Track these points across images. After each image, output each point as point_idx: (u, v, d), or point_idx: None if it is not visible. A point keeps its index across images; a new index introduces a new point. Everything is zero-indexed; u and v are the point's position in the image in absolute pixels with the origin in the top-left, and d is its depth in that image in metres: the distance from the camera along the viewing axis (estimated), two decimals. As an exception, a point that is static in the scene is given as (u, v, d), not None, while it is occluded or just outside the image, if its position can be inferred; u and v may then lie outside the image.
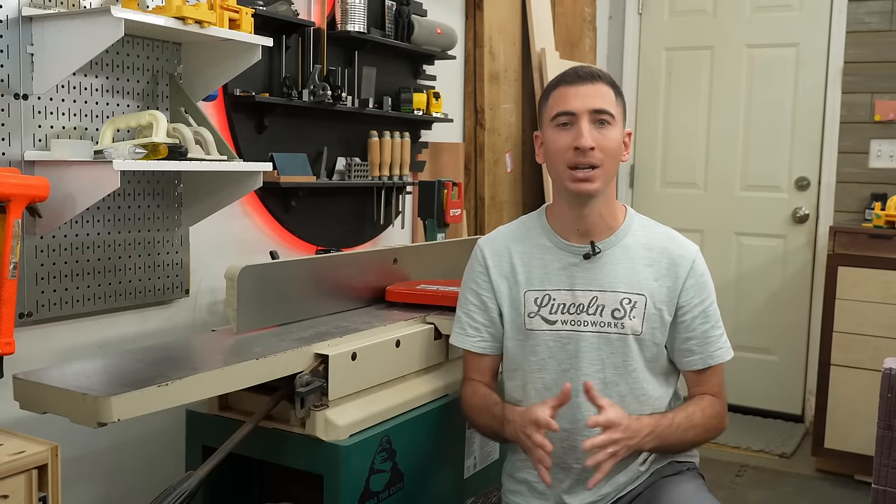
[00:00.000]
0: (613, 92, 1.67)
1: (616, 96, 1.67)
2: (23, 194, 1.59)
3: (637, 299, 1.67)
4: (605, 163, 1.63)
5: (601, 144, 1.62)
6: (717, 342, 1.72)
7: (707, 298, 1.72)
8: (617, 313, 1.67)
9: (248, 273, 1.85)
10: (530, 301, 1.72)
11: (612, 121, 1.64)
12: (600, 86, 1.65)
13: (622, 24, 4.46)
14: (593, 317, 1.68)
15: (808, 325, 4.06)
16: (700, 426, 1.70)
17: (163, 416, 1.70)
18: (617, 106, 1.66)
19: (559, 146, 1.64)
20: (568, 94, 1.64)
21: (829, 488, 3.37)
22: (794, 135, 4.07)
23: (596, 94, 1.63)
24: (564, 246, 1.72)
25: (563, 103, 1.64)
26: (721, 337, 1.73)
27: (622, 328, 1.67)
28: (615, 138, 1.64)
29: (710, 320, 1.71)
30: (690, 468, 1.77)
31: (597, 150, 1.61)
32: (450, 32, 3.05)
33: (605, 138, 1.62)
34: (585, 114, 1.62)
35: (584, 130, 1.61)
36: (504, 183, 3.64)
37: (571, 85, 1.64)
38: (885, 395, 1.46)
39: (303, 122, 2.59)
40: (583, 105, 1.62)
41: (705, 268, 1.73)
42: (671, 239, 1.74)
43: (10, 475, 1.36)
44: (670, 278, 1.69)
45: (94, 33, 1.69)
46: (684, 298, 1.69)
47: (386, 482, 1.82)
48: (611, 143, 1.63)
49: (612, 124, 1.64)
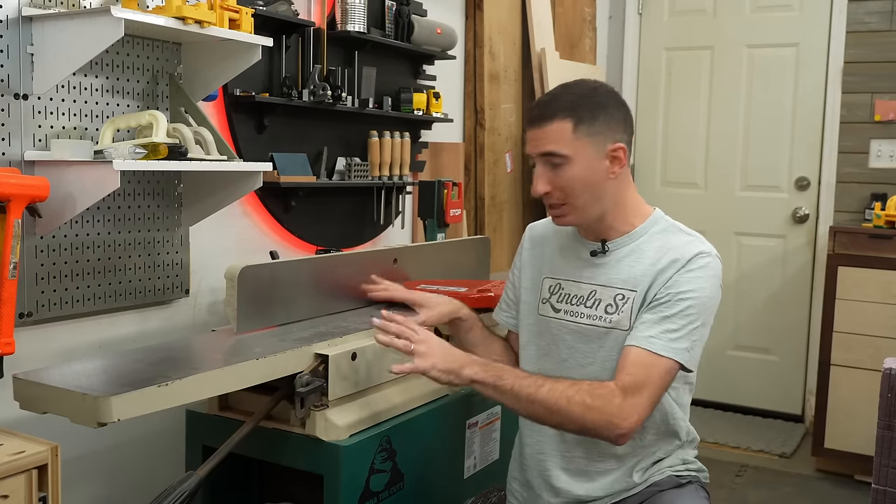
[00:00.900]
0: (573, 122, 1.59)
1: (577, 125, 1.58)
2: (23, 194, 1.59)
3: (629, 295, 1.65)
4: (570, 198, 1.63)
5: (556, 185, 1.62)
6: (656, 329, 1.56)
7: (688, 294, 1.59)
8: (609, 308, 1.67)
9: (248, 273, 1.85)
10: (545, 288, 1.77)
11: (562, 160, 1.60)
12: (554, 124, 1.59)
13: (622, 24, 4.46)
14: (589, 310, 1.69)
15: (808, 325, 4.06)
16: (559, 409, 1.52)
17: (163, 416, 1.70)
18: (575, 140, 1.59)
19: None
20: (528, 138, 1.67)
21: (829, 488, 3.37)
22: (794, 135, 4.07)
23: (544, 138, 1.61)
24: (581, 241, 1.75)
25: (527, 144, 1.70)
26: (670, 334, 1.56)
27: (611, 323, 1.65)
28: (572, 177, 1.60)
29: (672, 310, 1.58)
30: (692, 481, 1.72)
31: (554, 190, 1.63)
32: (450, 32, 3.06)
33: (560, 178, 1.61)
34: (538, 158, 1.64)
35: (536, 177, 1.64)
36: (504, 183, 3.64)
37: (529, 127, 1.66)
38: (885, 395, 1.46)
39: (303, 122, 2.59)
40: (535, 148, 1.64)
41: (706, 271, 1.62)
42: (689, 243, 1.65)
43: (10, 475, 1.36)
44: (668, 272, 1.62)
45: (94, 33, 1.70)
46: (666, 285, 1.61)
47: (386, 482, 1.82)
48: (567, 183, 1.61)
49: (565, 164, 1.60)
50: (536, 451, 1.75)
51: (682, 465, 1.74)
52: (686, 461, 1.75)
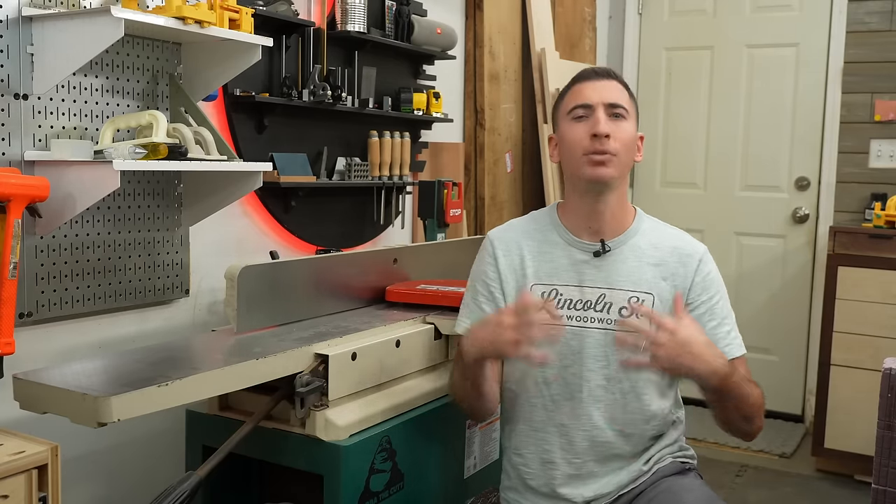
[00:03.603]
0: (627, 92, 1.71)
1: (629, 97, 1.71)
2: (23, 194, 1.59)
3: (645, 298, 1.67)
4: (621, 153, 1.66)
5: (617, 135, 1.65)
6: (724, 339, 1.72)
7: (714, 296, 1.73)
8: (624, 312, 1.67)
9: (248, 273, 1.85)
10: (537, 295, 1.72)
11: (626, 115, 1.68)
12: (615, 83, 1.70)
13: (622, 24, 4.46)
14: (600, 314, 1.68)
15: (808, 325, 4.06)
16: (756, 393, 1.65)
17: (163, 416, 1.70)
18: (630, 104, 1.70)
19: (576, 136, 1.67)
20: (584, 89, 1.69)
21: (829, 488, 3.37)
22: (794, 135, 4.07)
23: (612, 89, 1.69)
24: (575, 242, 1.72)
25: (579, 97, 1.69)
26: (729, 333, 1.74)
27: (626, 326, 1.66)
28: (630, 131, 1.68)
29: (716, 317, 1.72)
30: (691, 468, 1.77)
31: (612, 139, 1.65)
32: (450, 32, 3.06)
33: (621, 130, 1.66)
34: (601, 106, 1.66)
35: (600, 119, 1.65)
36: (504, 183, 3.64)
37: (588, 80, 1.70)
38: (885, 395, 1.46)
39: (303, 122, 2.59)
40: (599, 97, 1.67)
41: (713, 266, 1.75)
42: (680, 239, 1.76)
43: (10, 475, 1.36)
44: (679, 277, 1.70)
45: (94, 33, 1.70)
46: (691, 296, 1.70)
47: (386, 482, 1.82)
48: (626, 135, 1.67)
49: (626, 118, 1.68)
50: (542, 460, 1.72)
51: (680, 452, 1.78)
52: (682, 447, 1.80)
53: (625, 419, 1.68)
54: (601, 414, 1.68)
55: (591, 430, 1.68)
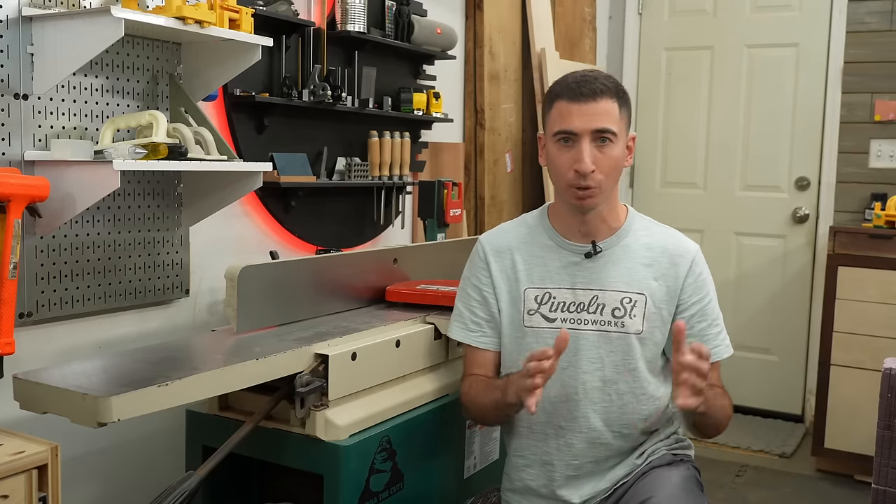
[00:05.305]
0: (618, 104, 1.63)
1: (620, 108, 1.63)
2: (23, 194, 1.59)
3: (637, 298, 1.68)
4: (604, 182, 1.63)
5: (601, 165, 1.61)
6: (714, 340, 1.72)
7: (705, 297, 1.73)
8: (617, 312, 1.67)
9: (248, 273, 1.85)
10: (530, 298, 1.72)
11: (613, 138, 1.62)
12: (603, 102, 1.61)
13: (622, 24, 4.46)
14: (594, 315, 1.68)
15: (808, 325, 4.06)
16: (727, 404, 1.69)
17: (163, 416, 1.70)
18: (620, 120, 1.63)
19: (561, 163, 1.63)
20: (571, 112, 1.61)
21: (829, 488, 3.37)
22: (794, 135, 4.07)
23: (598, 113, 1.60)
24: (566, 245, 1.72)
25: (565, 121, 1.61)
26: (719, 335, 1.74)
27: (623, 327, 1.67)
28: (615, 156, 1.63)
29: (708, 318, 1.72)
30: (685, 459, 1.77)
31: (596, 171, 1.61)
32: (450, 32, 3.05)
33: (606, 157, 1.61)
34: (587, 134, 1.60)
35: (584, 154, 1.59)
36: (504, 183, 3.64)
37: (574, 102, 1.61)
38: (885, 395, 1.46)
39: (303, 122, 2.59)
40: (584, 126, 1.60)
41: (704, 266, 1.74)
42: (672, 238, 1.75)
43: (10, 475, 1.36)
44: (670, 277, 1.71)
45: (94, 33, 1.69)
46: (683, 297, 1.71)
47: (386, 482, 1.82)
48: (610, 162, 1.62)
49: (613, 142, 1.62)
50: (542, 461, 1.73)
51: (677, 444, 1.78)
52: (679, 440, 1.80)
53: (621, 420, 1.69)
54: (598, 416, 1.69)
55: (589, 432, 1.69)
